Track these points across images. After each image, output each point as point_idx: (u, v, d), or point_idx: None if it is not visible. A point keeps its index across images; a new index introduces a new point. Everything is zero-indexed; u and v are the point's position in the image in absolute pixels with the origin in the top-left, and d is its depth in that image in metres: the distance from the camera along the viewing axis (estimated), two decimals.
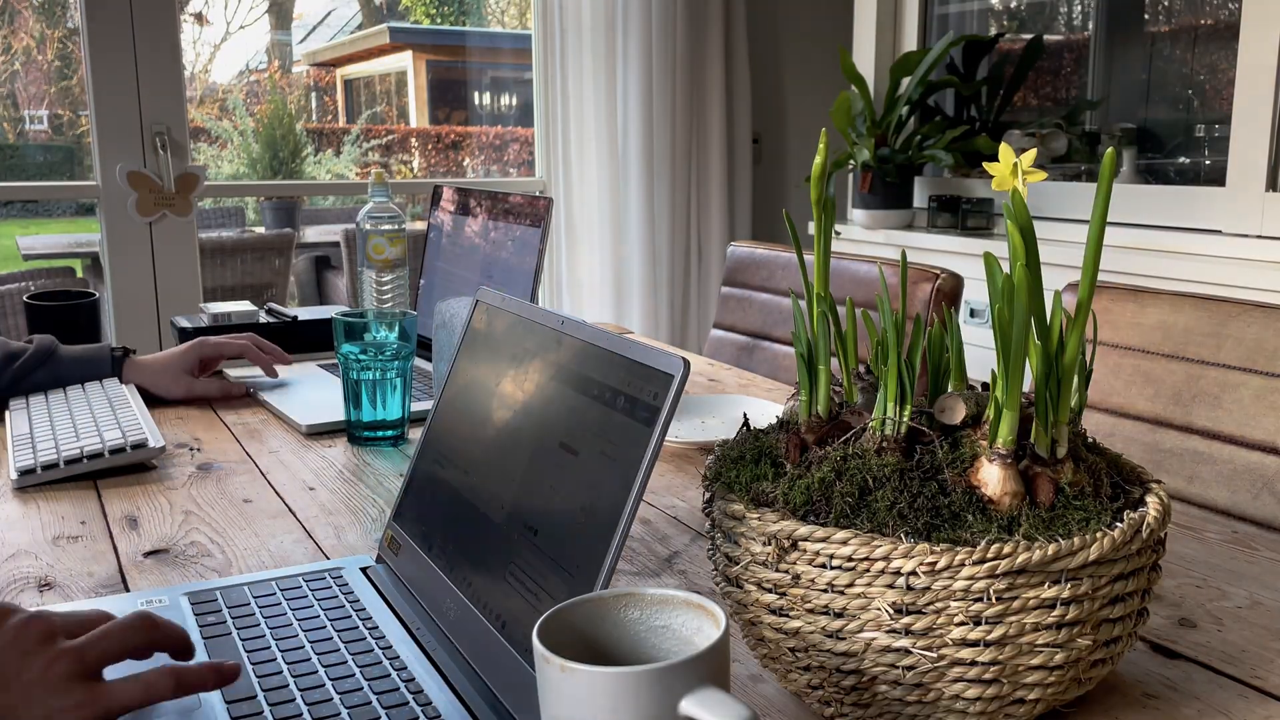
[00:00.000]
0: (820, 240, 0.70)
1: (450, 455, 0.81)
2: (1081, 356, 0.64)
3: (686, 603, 0.56)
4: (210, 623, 0.77)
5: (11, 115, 6.00)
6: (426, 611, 0.77)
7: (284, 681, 0.68)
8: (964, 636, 0.58)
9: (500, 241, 1.50)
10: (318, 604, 0.79)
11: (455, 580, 0.74)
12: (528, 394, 0.74)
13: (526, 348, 0.76)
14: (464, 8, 6.71)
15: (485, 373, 0.81)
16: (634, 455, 0.61)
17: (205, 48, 7.51)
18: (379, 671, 0.69)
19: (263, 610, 0.78)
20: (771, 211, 3.51)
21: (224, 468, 1.15)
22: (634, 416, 0.62)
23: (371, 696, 0.66)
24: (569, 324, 0.72)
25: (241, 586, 0.83)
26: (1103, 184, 0.61)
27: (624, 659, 0.56)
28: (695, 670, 0.50)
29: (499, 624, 0.67)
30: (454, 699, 0.66)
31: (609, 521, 0.60)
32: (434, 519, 0.80)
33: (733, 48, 3.28)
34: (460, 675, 0.69)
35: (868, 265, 1.64)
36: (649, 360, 0.62)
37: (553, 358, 0.72)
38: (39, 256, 4.64)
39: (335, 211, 6.56)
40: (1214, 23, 2.69)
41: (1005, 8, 3.12)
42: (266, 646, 0.73)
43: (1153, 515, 0.62)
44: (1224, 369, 1.14)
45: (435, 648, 0.73)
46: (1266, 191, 2.06)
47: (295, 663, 0.71)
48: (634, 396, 0.62)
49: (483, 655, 0.68)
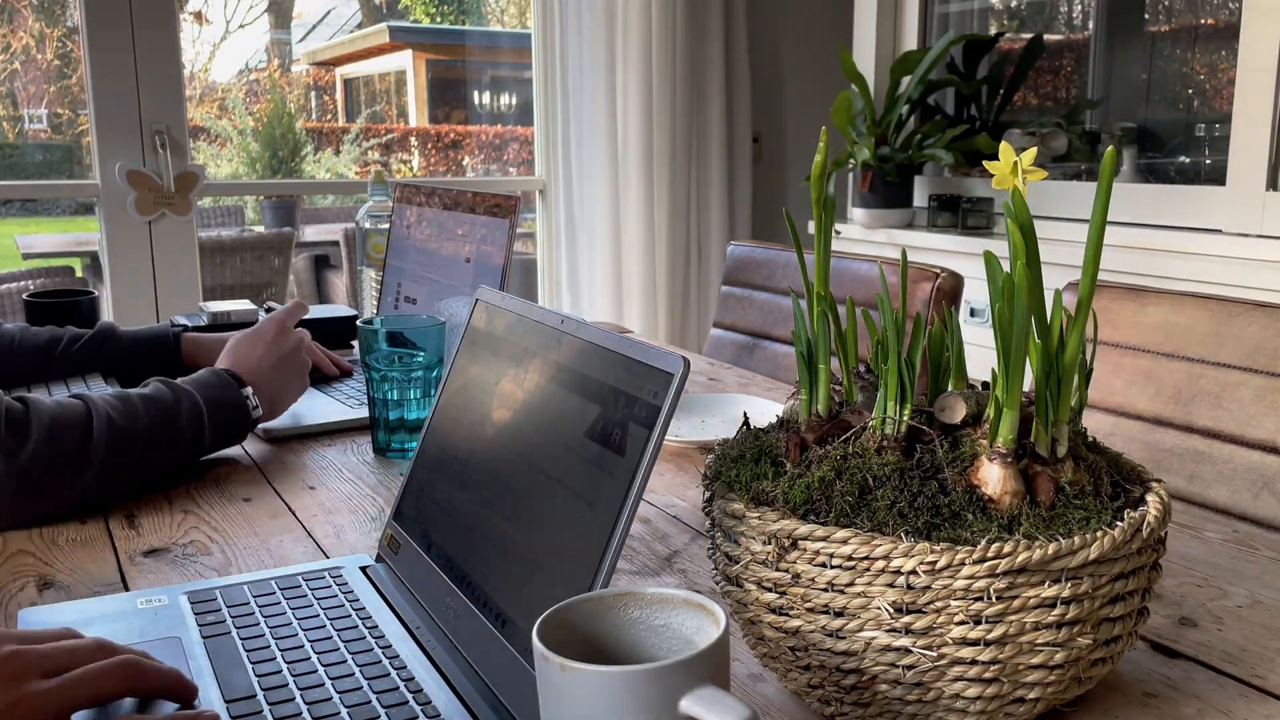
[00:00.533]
0: (820, 239, 0.70)
1: (450, 454, 0.81)
2: (1082, 355, 0.64)
3: (686, 602, 0.56)
4: (210, 622, 0.77)
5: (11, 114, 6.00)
6: (426, 611, 0.77)
7: (284, 681, 0.68)
8: (964, 636, 0.58)
9: (466, 240, 1.47)
10: (317, 603, 0.79)
11: (454, 579, 0.74)
12: (527, 393, 0.74)
13: (526, 347, 0.76)
14: (464, 7, 6.71)
15: (485, 372, 0.81)
16: (633, 454, 0.60)
17: (205, 47, 7.51)
18: (378, 671, 0.69)
19: (262, 610, 0.78)
20: (771, 211, 3.51)
21: (224, 467, 1.15)
22: (634, 416, 0.62)
23: (371, 696, 0.66)
24: (569, 323, 0.72)
25: (241, 585, 0.82)
26: (1103, 182, 0.60)
27: (624, 658, 0.56)
28: (695, 669, 0.50)
29: (498, 623, 0.67)
30: (453, 698, 0.66)
31: (608, 521, 0.60)
32: (434, 518, 0.80)
33: (733, 47, 3.28)
34: (460, 674, 0.69)
35: (868, 264, 1.63)
36: (649, 359, 0.62)
37: (553, 357, 0.72)
38: (38, 255, 4.64)
39: (334, 210, 6.57)
40: (1214, 22, 2.69)
41: (1005, 7, 3.12)
42: (266, 646, 0.73)
43: (1153, 514, 0.62)
44: (1224, 368, 1.14)
45: (435, 647, 0.73)
46: (1267, 191, 2.06)
47: (294, 662, 0.70)
48: (634, 395, 0.62)
49: (482, 654, 0.68)
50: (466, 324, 0.86)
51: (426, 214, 1.57)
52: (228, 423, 1.11)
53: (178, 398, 1.06)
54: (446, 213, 1.52)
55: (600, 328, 0.69)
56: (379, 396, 1.17)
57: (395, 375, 1.16)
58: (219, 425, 1.10)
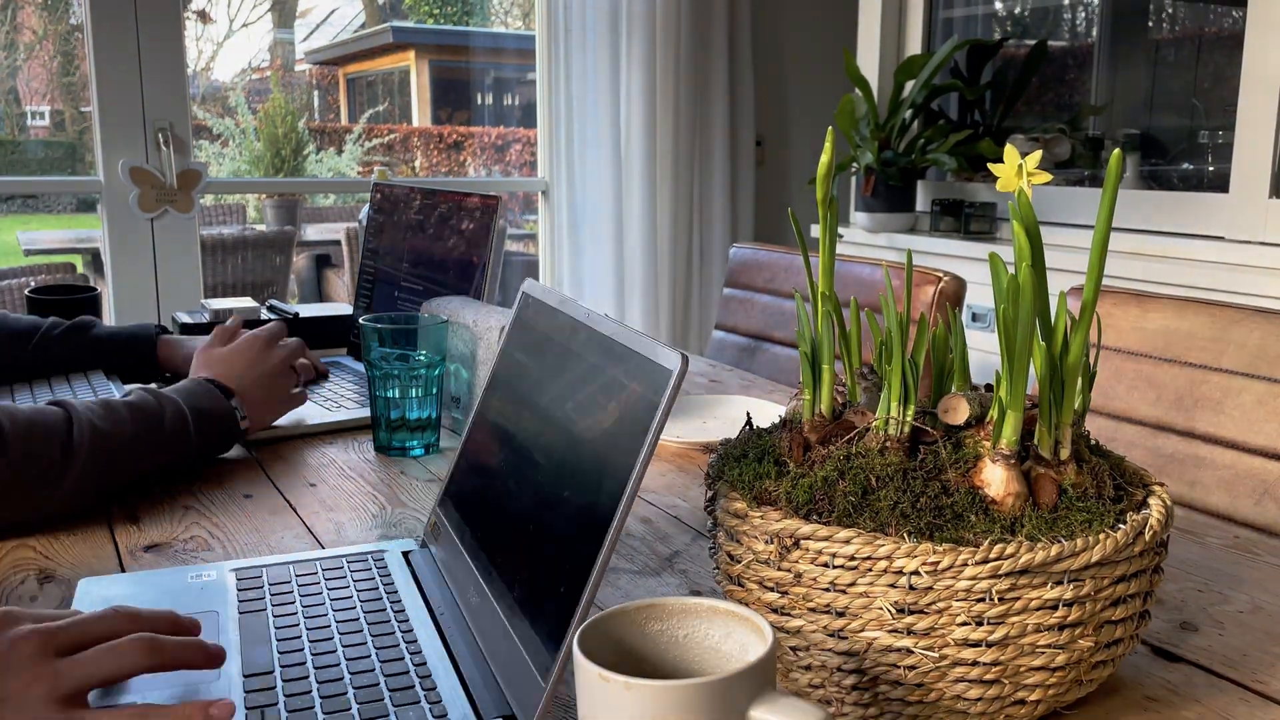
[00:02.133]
0: (825, 238, 0.70)
1: (486, 442, 0.83)
2: (1085, 358, 0.64)
3: (712, 610, 0.55)
4: (249, 599, 0.79)
5: (14, 111, 6.00)
6: (453, 597, 0.78)
7: (302, 659, 0.70)
8: (966, 637, 0.58)
9: (447, 239, 1.47)
10: (353, 585, 0.81)
11: (479, 569, 0.75)
12: (551, 384, 0.75)
13: (555, 339, 0.77)
14: (467, 8, 6.72)
15: (522, 362, 0.83)
16: (630, 450, 0.60)
17: (208, 45, 7.52)
18: (393, 655, 0.71)
19: (301, 589, 0.80)
20: (774, 214, 3.51)
21: (225, 464, 1.15)
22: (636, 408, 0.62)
23: (380, 679, 0.68)
24: (592, 317, 0.73)
25: (287, 565, 0.85)
26: (1109, 184, 0.61)
27: (659, 671, 0.55)
28: (758, 676, 0.49)
29: (508, 615, 0.68)
30: (459, 688, 0.67)
31: (604, 516, 0.60)
32: (468, 506, 0.82)
33: (737, 50, 3.28)
34: (471, 666, 0.70)
35: (871, 267, 1.63)
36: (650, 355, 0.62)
37: (574, 350, 0.73)
38: (40, 252, 4.64)
39: (336, 210, 6.57)
40: (1218, 30, 2.69)
41: (1009, 13, 3.13)
42: (295, 624, 0.75)
43: (1155, 517, 0.62)
44: (1226, 374, 1.14)
45: (455, 636, 0.74)
46: (1270, 198, 2.06)
47: (317, 641, 0.72)
48: (636, 388, 0.62)
49: (494, 647, 0.69)
50: (514, 315, 0.87)
51: (407, 214, 1.57)
52: (214, 432, 1.10)
53: (162, 405, 1.05)
54: (427, 212, 1.52)
55: (616, 322, 0.69)
56: (380, 395, 1.17)
57: (397, 374, 1.16)
58: (205, 434, 1.08)
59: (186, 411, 1.06)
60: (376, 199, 1.64)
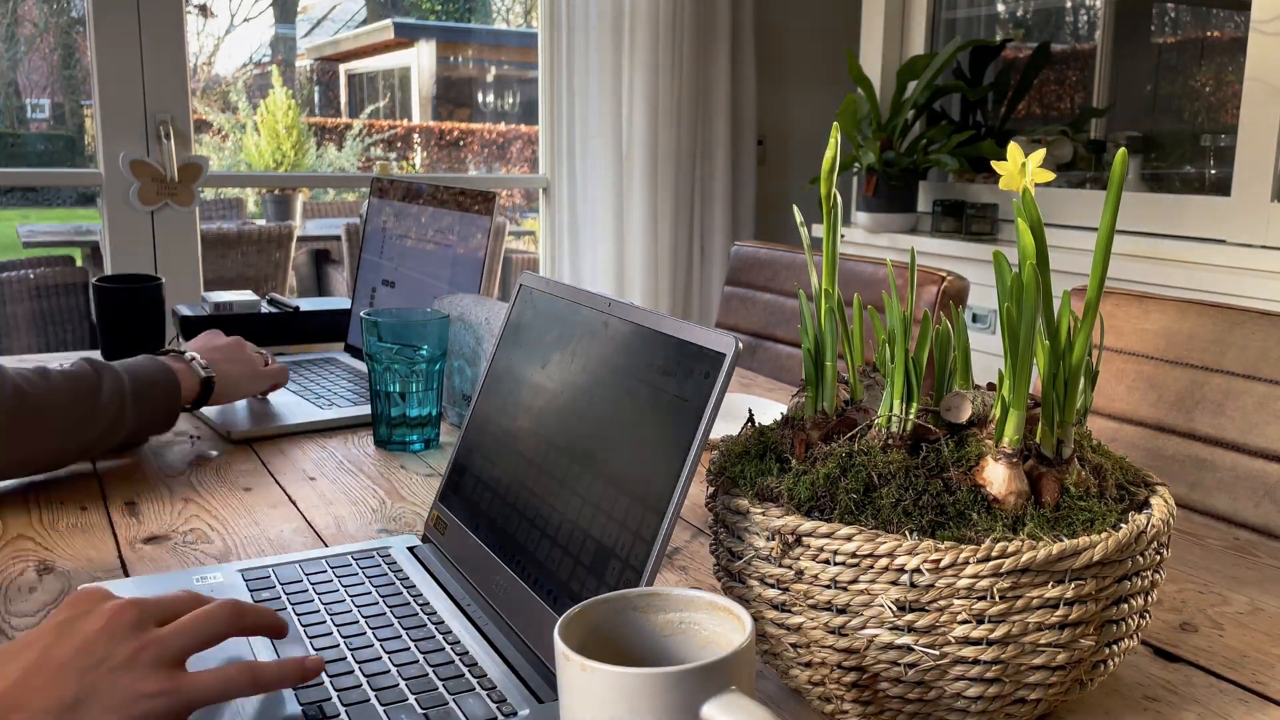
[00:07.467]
0: (829, 235, 0.70)
1: (499, 438, 0.83)
2: (1088, 357, 0.64)
3: (712, 605, 0.55)
4: (265, 599, 0.78)
5: (14, 104, 5.99)
6: (475, 588, 0.79)
7: (341, 654, 0.70)
8: (967, 635, 0.58)
9: (444, 236, 1.46)
10: (368, 580, 0.81)
11: (505, 559, 0.75)
12: (576, 377, 0.75)
13: (572, 330, 0.77)
14: (470, 5, 6.71)
15: (530, 356, 0.82)
16: (683, 437, 0.62)
17: (209, 39, 7.51)
18: (433, 645, 0.71)
19: (315, 587, 0.80)
20: (775, 213, 3.51)
21: (223, 457, 1.15)
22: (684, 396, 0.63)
23: (428, 668, 0.68)
24: (615, 306, 0.73)
25: (293, 564, 0.84)
26: (1114, 183, 0.60)
27: (646, 659, 0.56)
28: (720, 674, 0.49)
29: (550, 599, 0.69)
30: (507, 669, 0.68)
31: (659, 504, 0.62)
32: (483, 500, 0.82)
33: (739, 49, 3.28)
34: (510, 648, 0.71)
35: (873, 266, 1.63)
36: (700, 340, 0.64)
37: (600, 339, 0.73)
38: (39, 244, 4.63)
39: (336, 205, 6.57)
40: (1220, 34, 2.69)
41: (1012, 15, 3.13)
42: (322, 621, 0.75)
43: (1157, 517, 0.62)
44: (1227, 376, 1.14)
45: (485, 622, 0.74)
46: (1272, 201, 2.06)
47: (350, 636, 0.72)
48: (683, 377, 0.64)
49: (533, 629, 0.69)
50: (510, 309, 0.87)
51: (404, 210, 1.56)
52: (153, 408, 1.08)
53: (100, 376, 1.03)
54: (424, 208, 1.52)
55: (648, 310, 0.70)
56: (381, 389, 1.17)
57: (398, 368, 1.15)
58: (142, 408, 1.06)
59: (126, 383, 1.05)
60: (376, 194, 1.64)
